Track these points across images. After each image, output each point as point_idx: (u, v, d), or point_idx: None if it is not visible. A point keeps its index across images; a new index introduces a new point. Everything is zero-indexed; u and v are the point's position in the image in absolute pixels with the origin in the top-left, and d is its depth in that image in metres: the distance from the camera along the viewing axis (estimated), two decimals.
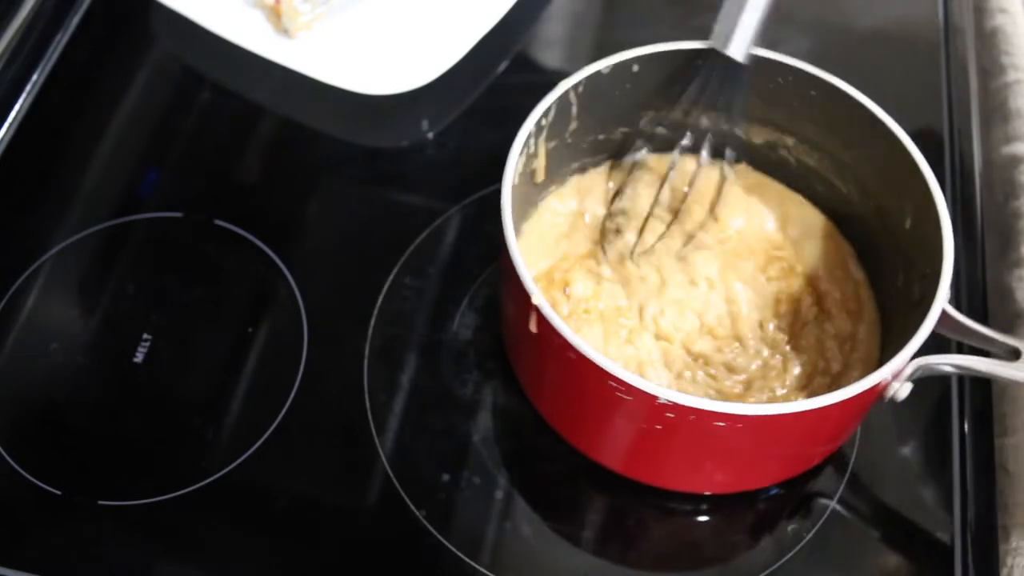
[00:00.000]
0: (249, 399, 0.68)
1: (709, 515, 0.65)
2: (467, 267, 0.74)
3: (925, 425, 0.69)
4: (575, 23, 0.90)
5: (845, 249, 0.70)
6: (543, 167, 0.67)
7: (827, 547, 0.64)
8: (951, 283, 0.58)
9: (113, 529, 0.63)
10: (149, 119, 0.82)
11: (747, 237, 0.70)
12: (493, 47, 0.83)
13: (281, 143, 0.82)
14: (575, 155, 0.70)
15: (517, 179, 0.62)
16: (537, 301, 0.56)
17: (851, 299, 0.68)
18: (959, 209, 0.77)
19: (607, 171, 0.72)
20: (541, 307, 0.56)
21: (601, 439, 0.63)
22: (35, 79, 0.83)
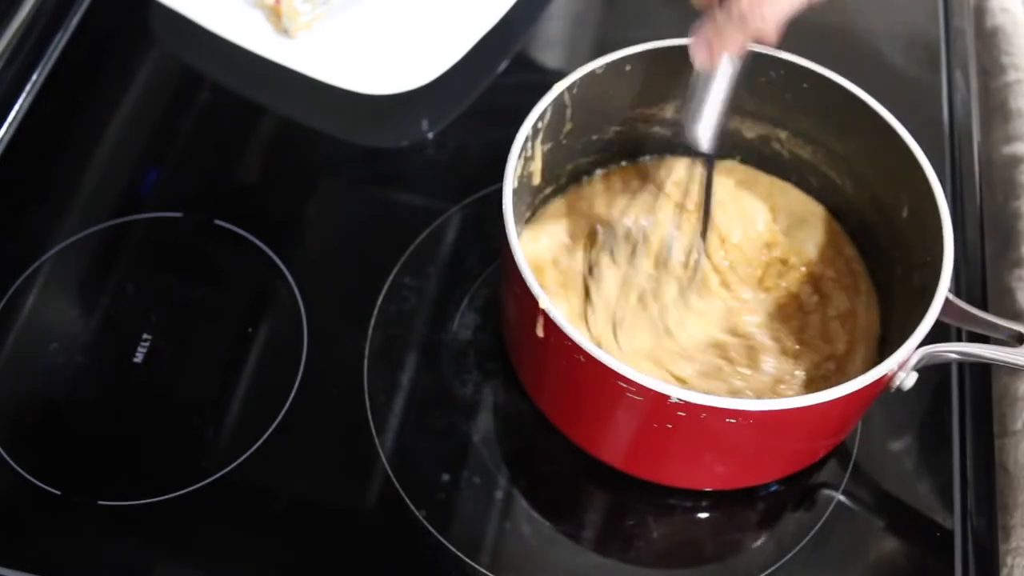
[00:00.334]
0: (249, 399, 0.68)
1: (714, 511, 0.66)
2: (467, 267, 0.74)
3: (924, 416, 0.69)
4: (575, 23, 0.90)
5: (834, 228, 0.70)
6: (539, 170, 0.67)
7: (833, 539, 0.64)
8: (951, 278, 0.58)
9: (113, 529, 0.63)
10: (149, 119, 0.82)
11: (745, 248, 0.70)
12: (493, 47, 0.83)
13: (281, 143, 0.81)
14: (571, 155, 0.70)
15: (516, 183, 0.62)
16: (544, 305, 0.56)
17: (845, 274, 0.68)
18: (959, 209, 0.77)
19: (603, 178, 0.72)
20: (548, 311, 0.56)
21: (607, 437, 0.63)
22: (35, 79, 0.82)
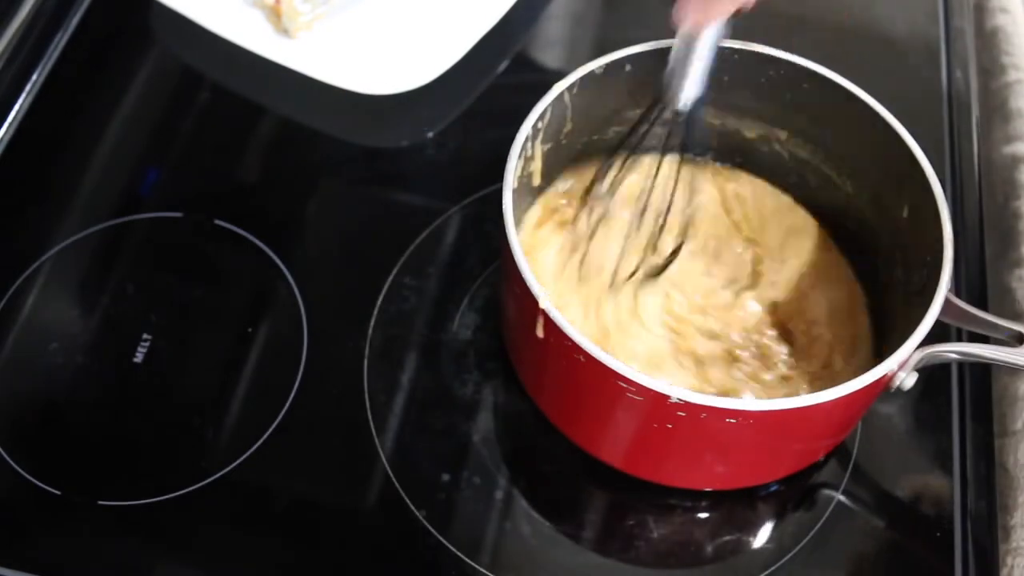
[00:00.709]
0: (249, 399, 0.68)
1: (714, 511, 0.65)
2: (467, 267, 0.74)
3: (924, 416, 0.69)
4: (575, 23, 0.90)
5: (811, 223, 0.71)
6: (539, 170, 0.67)
7: (833, 539, 0.64)
8: (951, 278, 0.58)
9: (113, 529, 0.63)
10: (149, 119, 0.82)
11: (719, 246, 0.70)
12: (493, 47, 0.83)
13: (281, 143, 0.81)
14: (570, 155, 0.70)
15: (516, 183, 0.62)
16: (544, 305, 0.56)
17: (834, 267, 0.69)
18: (959, 209, 0.77)
19: (602, 173, 0.72)
20: (548, 311, 0.56)
21: (607, 437, 0.63)
22: (35, 79, 0.82)
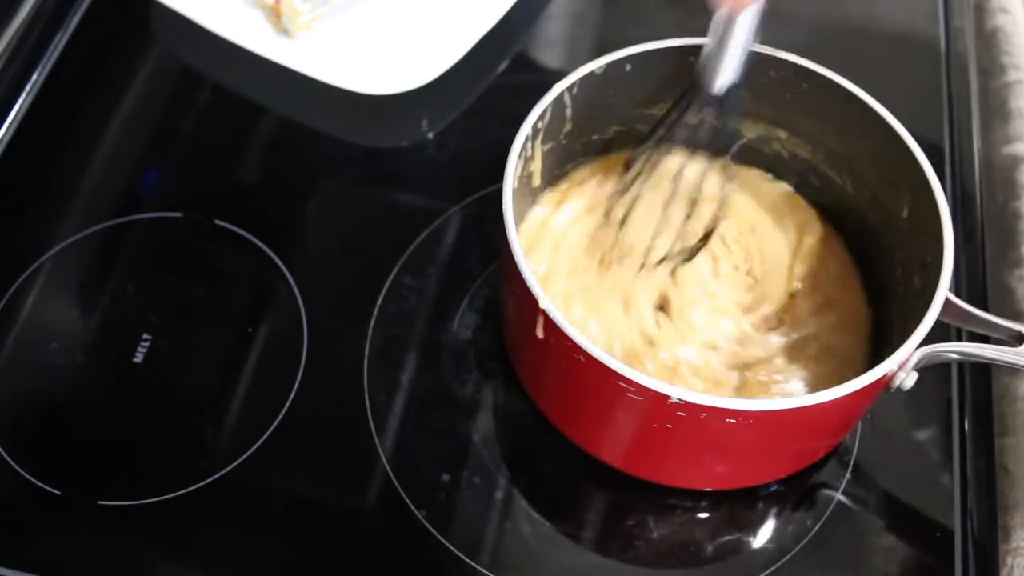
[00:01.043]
0: (249, 399, 0.68)
1: (714, 511, 0.65)
2: (467, 267, 0.74)
3: (924, 416, 0.69)
4: (575, 23, 0.90)
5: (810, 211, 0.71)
6: (539, 170, 0.67)
7: (833, 539, 0.64)
8: (951, 278, 0.58)
9: (113, 529, 0.63)
10: (149, 119, 0.82)
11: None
12: (493, 47, 0.83)
13: (281, 143, 0.81)
14: (570, 155, 0.70)
15: (516, 183, 0.62)
16: (544, 305, 0.56)
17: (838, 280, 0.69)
18: (959, 210, 0.77)
19: (603, 173, 0.72)
20: (548, 311, 0.56)
21: (607, 437, 0.63)
22: (35, 79, 0.82)
